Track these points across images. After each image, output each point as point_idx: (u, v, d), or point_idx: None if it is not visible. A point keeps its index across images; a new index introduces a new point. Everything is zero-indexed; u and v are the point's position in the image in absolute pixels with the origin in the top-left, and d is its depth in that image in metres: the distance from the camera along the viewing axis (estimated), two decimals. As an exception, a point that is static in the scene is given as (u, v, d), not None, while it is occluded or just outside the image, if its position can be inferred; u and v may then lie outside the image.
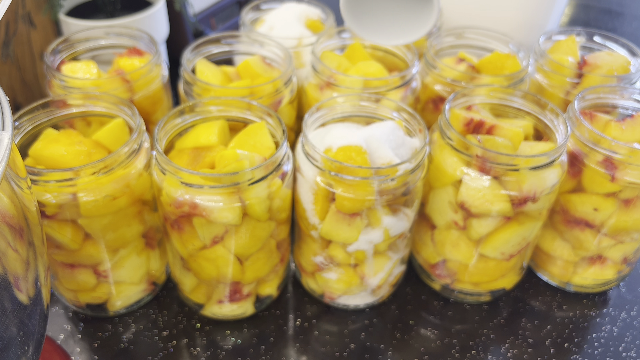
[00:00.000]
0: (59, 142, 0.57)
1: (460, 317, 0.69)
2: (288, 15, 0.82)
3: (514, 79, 0.70)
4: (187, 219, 0.55)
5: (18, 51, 0.83)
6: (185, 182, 0.52)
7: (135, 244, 0.62)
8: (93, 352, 0.63)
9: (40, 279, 0.40)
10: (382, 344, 0.65)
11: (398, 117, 0.63)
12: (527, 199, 0.58)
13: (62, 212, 0.55)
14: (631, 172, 0.59)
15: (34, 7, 0.83)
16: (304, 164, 0.58)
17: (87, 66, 0.69)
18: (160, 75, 0.70)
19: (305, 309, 0.69)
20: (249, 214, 0.55)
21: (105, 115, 0.62)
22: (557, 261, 0.71)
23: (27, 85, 0.87)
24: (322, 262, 0.64)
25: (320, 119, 0.63)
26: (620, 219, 0.63)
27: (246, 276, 0.61)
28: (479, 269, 0.65)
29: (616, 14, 1.45)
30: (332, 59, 0.72)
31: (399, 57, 0.75)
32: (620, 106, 0.68)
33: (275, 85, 0.66)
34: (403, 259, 0.67)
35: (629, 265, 0.71)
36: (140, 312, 0.67)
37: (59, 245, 0.57)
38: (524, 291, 0.73)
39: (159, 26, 0.91)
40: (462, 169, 0.59)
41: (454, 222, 0.62)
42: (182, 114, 0.60)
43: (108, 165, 0.54)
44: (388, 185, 0.56)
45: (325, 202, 0.58)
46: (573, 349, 0.66)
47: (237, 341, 0.65)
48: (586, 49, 0.80)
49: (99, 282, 0.62)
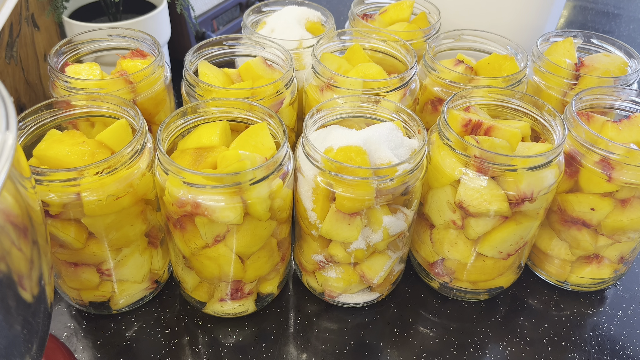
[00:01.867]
0: (62, 143, 0.57)
1: (458, 315, 0.70)
2: (289, 17, 0.83)
3: (512, 81, 0.71)
4: (190, 218, 0.55)
5: (22, 53, 0.83)
6: (188, 182, 0.53)
7: (138, 243, 0.63)
8: (96, 350, 0.64)
9: (44, 277, 0.40)
10: (382, 342, 0.66)
11: (397, 118, 0.64)
12: (525, 199, 0.58)
13: (66, 212, 0.56)
14: (627, 172, 0.60)
15: (38, 9, 0.83)
16: (305, 164, 0.59)
17: (91, 67, 0.70)
18: (162, 76, 0.71)
19: (305, 307, 0.70)
20: (251, 213, 0.56)
21: (108, 116, 0.63)
22: (554, 260, 0.72)
23: (31, 86, 0.87)
24: (322, 260, 0.65)
25: (321, 120, 0.64)
26: (617, 219, 0.64)
27: (247, 275, 0.62)
28: (477, 267, 0.66)
29: (613, 16, 1.46)
30: (332, 60, 0.73)
31: (398, 59, 0.76)
32: (617, 107, 0.69)
33: (276, 87, 0.67)
34: (402, 257, 0.67)
35: (626, 265, 0.71)
36: (142, 310, 0.68)
37: (62, 244, 0.58)
38: (522, 290, 0.73)
39: (161, 28, 0.92)
40: (461, 169, 0.59)
41: (452, 221, 0.63)
42: (185, 115, 0.61)
43: (111, 166, 0.55)
44: (387, 185, 0.56)
45: (325, 202, 0.59)
46: (570, 347, 0.67)
47: (238, 339, 0.65)
48: (583, 50, 0.81)
49: (102, 281, 0.63)
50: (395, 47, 0.76)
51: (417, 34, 0.82)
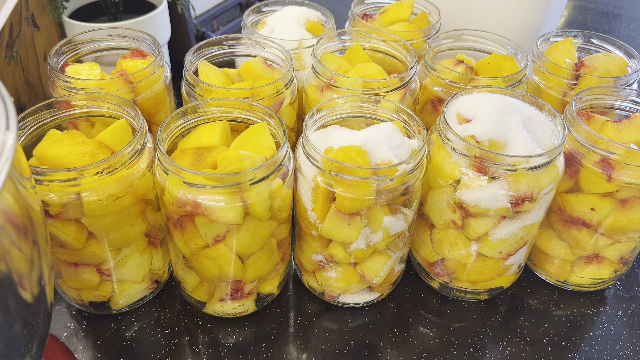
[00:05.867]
0: (62, 143, 0.57)
1: (458, 315, 0.70)
2: (289, 17, 0.83)
3: (512, 81, 0.71)
4: (190, 218, 0.56)
5: (22, 53, 0.83)
6: (188, 182, 0.53)
7: (138, 243, 0.63)
8: (96, 350, 0.64)
9: (44, 277, 0.40)
10: (382, 342, 0.66)
11: (397, 118, 0.64)
12: (525, 199, 0.58)
13: (66, 212, 0.56)
14: (628, 172, 0.60)
15: (38, 9, 0.83)
16: (305, 164, 0.59)
17: (91, 67, 0.70)
18: (163, 76, 0.71)
19: (305, 307, 0.70)
20: (251, 213, 0.56)
21: (108, 116, 0.63)
22: (554, 260, 0.72)
23: (31, 86, 0.87)
24: (322, 260, 0.65)
25: (321, 120, 0.64)
26: (617, 219, 0.64)
27: (247, 275, 0.62)
28: (477, 267, 0.66)
29: (613, 16, 1.46)
30: (332, 60, 0.73)
31: (398, 59, 0.76)
32: (617, 107, 0.69)
33: (276, 87, 0.67)
34: (402, 257, 0.67)
35: (626, 265, 0.71)
36: (142, 310, 0.68)
37: (62, 244, 0.58)
38: (522, 290, 0.73)
39: (161, 28, 0.92)
40: (461, 169, 0.59)
41: (452, 221, 0.63)
42: (185, 115, 0.61)
43: (111, 166, 0.55)
44: (387, 185, 0.56)
45: (325, 202, 0.59)
46: (570, 347, 0.67)
47: (238, 339, 0.65)
48: (583, 50, 0.81)
49: (102, 281, 0.63)
50: (395, 47, 0.76)
51: (417, 34, 0.82)
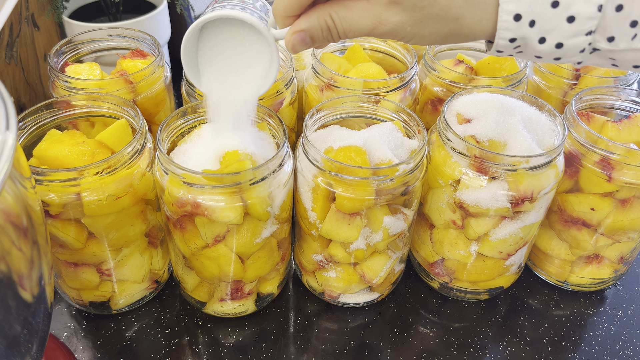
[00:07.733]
0: (62, 143, 0.57)
1: (458, 315, 0.70)
2: (289, 17, 0.82)
3: (512, 81, 0.71)
4: (190, 218, 0.56)
5: (22, 53, 0.84)
6: (188, 182, 0.53)
7: (138, 243, 0.63)
8: (96, 350, 0.64)
9: (44, 277, 0.40)
10: (382, 342, 0.66)
11: (397, 118, 0.64)
12: (525, 199, 0.58)
13: (66, 212, 0.56)
14: (628, 172, 0.60)
15: (38, 9, 0.83)
16: (305, 164, 0.59)
17: (91, 67, 0.70)
18: (162, 76, 0.71)
19: (305, 307, 0.70)
20: (251, 213, 0.56)
21: (108, 116, 0.63)
22: (554, 260, 0.72)
23: (31, 86, 0.87)
24: (322, 260, 0.65)
25: (321, 120, 0.64)
26: (617, 219, 0.64)
27: (247, 275, 0.62)
28: (477, 267, 0.66)
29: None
30: (332, 60, 0.73)
31: (398, 59, 0.76)
32: (617, 107, 0.69)
33: (276, 87, 0.67)
34: (402, 257, 0.67)
35: (626, 265, 0.71)
36: (142, 310, 0.68)
37: (62, 244, 0.58)
38: (522, 290, 0.73)
39: (161, 28, 0.92)
40: (461, 169, 0.59)
41: (452, 221, 0.63)
42: (185, 115, 0.61)
43: (111, 166, 0.55)
44: (387, 185, 0.56)
45: (325, 202, 0.59)
46: (570, 347, 0.67)
47: (238, 339, 0.65)
48: (584, 50, 0.81)
49: (102, 281, 0.63)
50: (395, 47, 0.76)
51: (417, 33, 0.82)
